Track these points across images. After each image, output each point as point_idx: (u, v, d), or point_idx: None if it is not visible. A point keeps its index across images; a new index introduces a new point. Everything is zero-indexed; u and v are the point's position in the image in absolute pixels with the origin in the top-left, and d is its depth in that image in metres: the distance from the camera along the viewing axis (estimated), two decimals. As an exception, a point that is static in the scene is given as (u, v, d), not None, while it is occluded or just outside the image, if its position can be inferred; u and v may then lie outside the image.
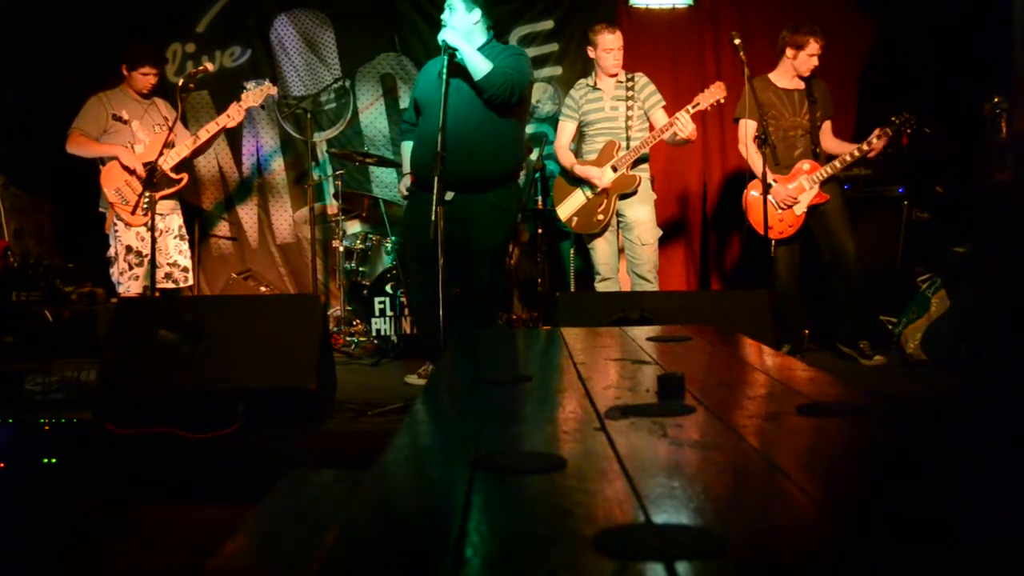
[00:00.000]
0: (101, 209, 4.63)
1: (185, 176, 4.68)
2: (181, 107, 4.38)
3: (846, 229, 4.40)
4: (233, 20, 5.90)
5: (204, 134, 4.65)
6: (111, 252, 4.60)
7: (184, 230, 4.82)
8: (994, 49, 4.04)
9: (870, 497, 0.96)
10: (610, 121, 4.52)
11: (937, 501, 0.92)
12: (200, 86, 5.68)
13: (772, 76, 4.53)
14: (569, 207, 4.61)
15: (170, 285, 4.68)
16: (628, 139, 4.47)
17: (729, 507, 0.90)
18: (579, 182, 4.57)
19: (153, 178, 4.24)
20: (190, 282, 4.82)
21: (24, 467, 3.09)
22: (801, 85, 4.49)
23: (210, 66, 5.29)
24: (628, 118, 4.49)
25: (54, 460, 3.06)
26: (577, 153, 4.70)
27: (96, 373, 3.29)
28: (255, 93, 4.76)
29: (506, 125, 3.76)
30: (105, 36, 5.30)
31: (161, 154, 4.30)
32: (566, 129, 4.67)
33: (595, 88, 4.58)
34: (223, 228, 5.98)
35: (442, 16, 3.74)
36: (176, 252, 4.73)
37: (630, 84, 4.54)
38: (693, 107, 4.34)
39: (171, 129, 4.38)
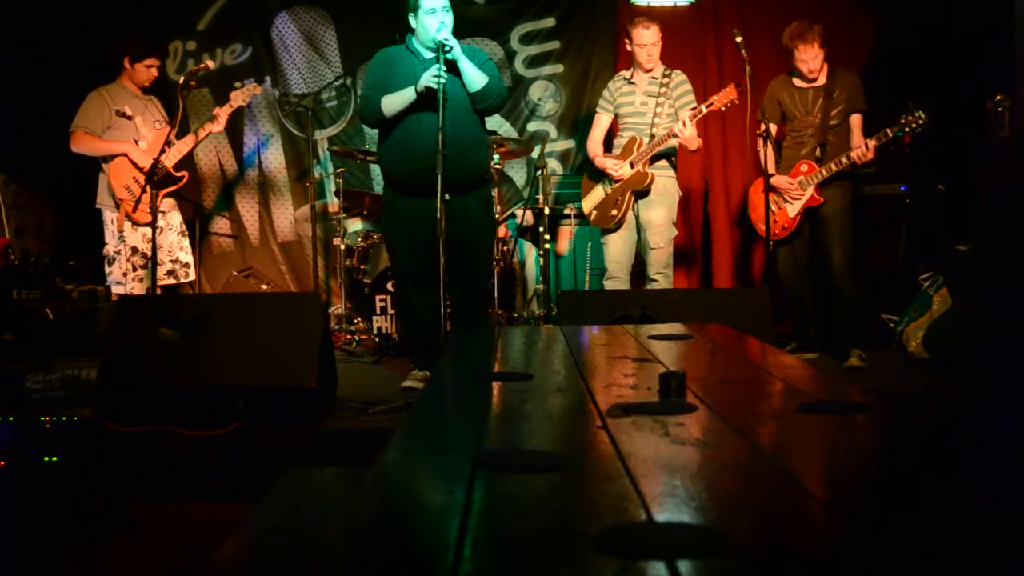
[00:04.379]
0: (99, 205, 4.63)
1: (186, 174, 4.68)
2: (183, 105, 4.37)
3: (838, 238, 4.24)
4: (234, 18, 5.89)
5: (202, 132, 4.66)
6: (109, 250, 4.59)
7: (184, 227, 4.83)
8: (997, 47, 4.03)
9: (871, 495, 0.96)
10: (638, 116, 4.45)
11: (937, 501, 0.92)
12: (201, 84, 5.68)
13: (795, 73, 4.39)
14: (591, 200, 4.62)
15: (172, 281, 4.70)
16: (652, 136, 4.38)
17: (731, 505, 0.89)
18: (600, 176, 4.55)
19: (155, 176, 4.25)
20: (192, 277, 4.85)
21: (24, 465, 3.09)
22: (819, 81, 4.32)
23: (211, 64, 5.28)
24: (656, 115, 4.40)
25: (55, 458, 3.06)
26: (607, 147, 4.68)
27: (97, 371, 3.29)
28: (243, 92, 4.78)
29: (483, 126, 3.86)
30: (106, 34, 5.29)
31: (163, 151, 4.30)
32: (600, 122, 4.63)
33: (630, 82, 4.51)
34: (224, 226, 5.97)
35: (436, 13, 3.63)
36: (178, 248, 4.75)
37: (665, 80, 4.44)
38: (707, 106, 4.21)
39: (173, 126, 4.38)
